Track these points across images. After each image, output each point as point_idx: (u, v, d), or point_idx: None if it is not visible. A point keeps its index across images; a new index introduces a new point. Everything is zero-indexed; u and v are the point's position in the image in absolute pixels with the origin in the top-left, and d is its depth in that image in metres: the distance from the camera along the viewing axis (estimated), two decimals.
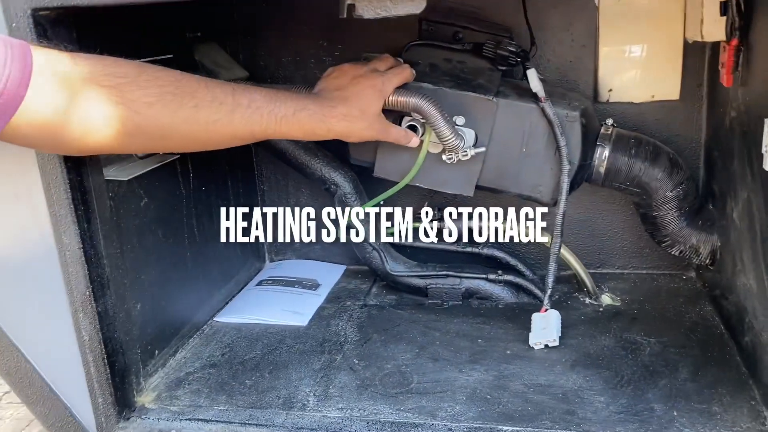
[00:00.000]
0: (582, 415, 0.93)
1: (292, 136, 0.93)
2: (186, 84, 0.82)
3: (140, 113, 0.77)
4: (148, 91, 0.78)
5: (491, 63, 1.18)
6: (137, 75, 0.78)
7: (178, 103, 0.80)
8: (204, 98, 0.82)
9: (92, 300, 0.92)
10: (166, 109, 0.79)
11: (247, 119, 0.86)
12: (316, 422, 0.95)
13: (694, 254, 1.21)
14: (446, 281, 1.31)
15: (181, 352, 1.17)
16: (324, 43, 1.37)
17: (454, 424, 0.92)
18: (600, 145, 1.16)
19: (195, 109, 0.81)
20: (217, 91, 0.84)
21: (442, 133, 1.06)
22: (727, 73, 1.03)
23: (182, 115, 0.80)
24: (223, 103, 0.83)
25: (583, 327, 1.17)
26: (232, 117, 0.84)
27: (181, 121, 0.80)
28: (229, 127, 0.85)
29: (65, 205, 0.88)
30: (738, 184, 1.04)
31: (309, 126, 0.93)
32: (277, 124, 0.89)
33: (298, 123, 0.91)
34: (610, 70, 1.27)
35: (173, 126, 0.80)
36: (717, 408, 0.92)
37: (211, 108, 0.82)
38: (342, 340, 1.19)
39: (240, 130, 0.86)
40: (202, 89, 0.82)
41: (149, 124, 0.79)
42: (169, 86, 0.80)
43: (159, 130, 0.80)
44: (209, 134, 0.84)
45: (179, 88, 0.80)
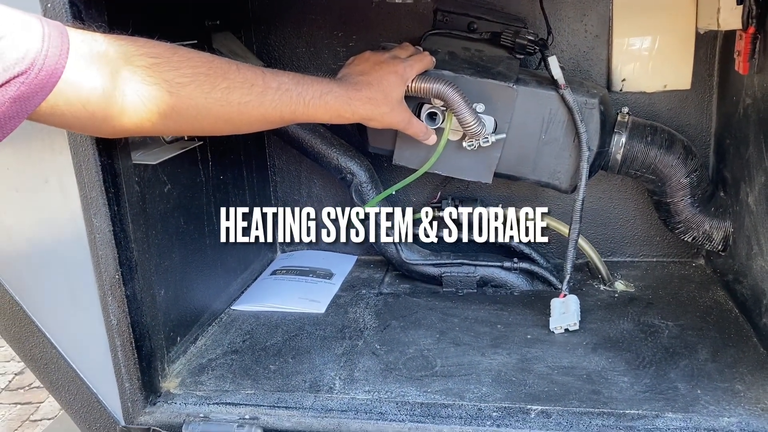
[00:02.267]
0: (608, 394, 0.94)
1: (319, 118, 0.93)
2: (218, 65, 0.82)
3: (175, 93, 0.77)
4: (182, 71, 0.78)
5: (509, 52, 1.20)
6: (171, 55, 0.78)
7: (210, 84, 0.80)
8: (236, 79, 0.82)
9: (121, 283, 0.92)
10: (200, 89, 0.79)
11: (277, 102, 0.86)
12: (346, 404, 0.95)
13: (707, 240, 1.23)
14: (461, 269, 1.33)
15: (201, 339, 1.17)
16: (339, 33, 1.38)
17: (483, 404, 0.93)
18: (617, 133, 1.17)
19: (227, 90, 0.81)
20: (248, 73, 0.84)
21: (464, 119, 1.08)
22: (744, 61, 1.06)
23: (215, 95, 0.80)
24: (255, 85, 0.84)
25: (601, 312, 1.19)
26: (262, 99, 0.85)
27: (214, 101, 0.81)
28: (259, 108, 0.85)
29: (96, 188, 0.88)
30: (754, 169, 1.06)
31: (335, 108, 0.93)
32: (305, 106, 0.89)
33: (325, 105, 0.92)
34: (623, 60, 1.29)
35: (206, 107, 0.81)
36: (740, 386, 0.94)
37: (242, 89, 0.83)
38: (361, 326, 1.19)
39: (270, 112, 0.87)
40: (234, 71, 0.83)
41: (183, 104, 0.79)
42: (202, 67, 0.80)
43: (193, 110, 0.80)
44: (241, 116, 0.84)
45: (212, 69, 0.81)
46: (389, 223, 1.31)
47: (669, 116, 1.30)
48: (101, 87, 0.72)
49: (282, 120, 0.90)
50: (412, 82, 1.06)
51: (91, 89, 0.72)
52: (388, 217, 1.32)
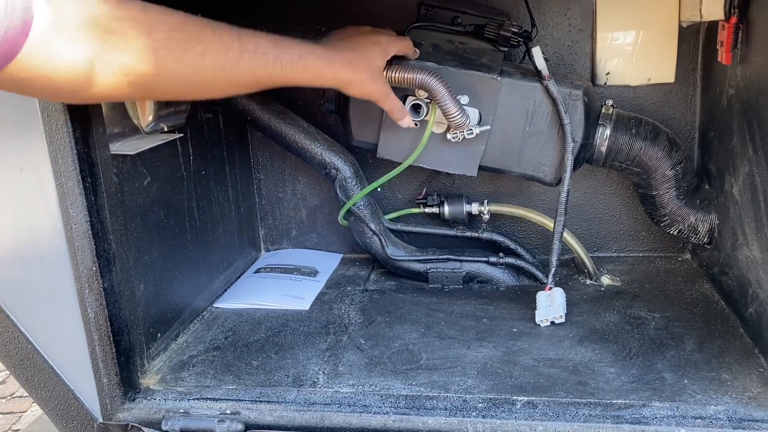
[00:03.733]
0: (594, 385, 0.93)
1: (297, 81, 0.89)
2: (192, 28, 0.78)
3: (146, 60, 0.73)
4: (154, 36, 0.73)
5: (493, 44, 1.19)
6: (143, 17, 0.73)
7: (183, 49, 0.76)
8: (211, 43, 0.78)
9: (99, 275, 0.90)
10: (172, 55, 0.75)
11: (254, 65, 0.83)
12: (329, 397, 0.94)
13: (693, 233, 1.22)
14: (447, 265, 1.31)
15: (182, 336, 1.15)
16: (322, 29, 1.36)
17: (468, 395, 0.92)
18: (601, 125, 1.17)
19: (201, 55, 0.77)
20: (224, 35, 0.80)
21: (448, 110, 1.07)
22: (727, 51, 1.06)
23: (188, 61, 0.76)
24: (230, 48, 0.80)
25: (587, 305, 1.18)
26: (237, 63, 0.81)
27: (187, 67, 0.77)
28: (235, 73, 0.81)
29: (73, 177, 0.86)
30: (738, 160, 1.06)
31: (315, 70, 0.90)
32: (282, 68, 0.85)
33: (304, 67, 0.88)
34: (607, 54, 1.29)
35: (179, 72, 0.76)
36: (726, 376, 0.93)
37: (217, 53, 0.79)
38: (346, 322, 1.18)
39: (246, 76, 0.83)
40: (209, 33, 0.79)
41: (155, 71, 0.74)
42: (175, 30, 0.76)
43: (165, 77, 0.76)
44: (215, 81, 0.80)
45: (185, 32, 0.76)
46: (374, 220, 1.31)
47: (653, 110, 1.30)
48: (68, 59, 0.68)
49: (257, 83, 0.86)
50: (397, 72, 1.05)
51: (56, 62, 0.67)
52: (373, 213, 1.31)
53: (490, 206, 1.33)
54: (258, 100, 1.28)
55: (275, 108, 1.29)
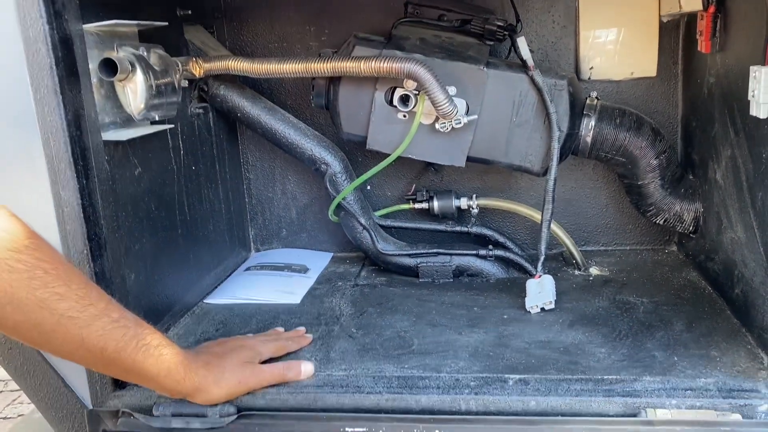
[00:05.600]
0: (585, 364, 0.93)
1: (144, 371, 0.80)
2: (65, 270, 0.74)
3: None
4: (21, 255, 0.70)
5: (479, 39, 1.22)
6: (23, 238, 0.71)
7: (43, 282, 0.71)
8: (75, 291, 0.74)
9: (90, 259, 0.90)
10: (28, 283, 0.70)
11: (107, 332, 0.76)
12: (322, 380, 0.93)
13: (678, 222, 1.24)
14: (437, 259, 1.32)
15: (173, 329, 1.15)
16: (311, 28, 1.39)
17: (461, 375, 0.92)
18: (586, 115, 1.19)
19: (58, 297, 0.72)
20: (93, 293, 0.76)
21: (436, 99, 1.09)
22: (706, 40, 1.09)
23: (41, 295, 0.71)
24: (92, 305, 0.75)
25: (576, 293, 1.19)
26: (92, 322, 0.75)
27: (36, 300, 0.71)
28: (83, 330, 0.74)
29: (65, 160, 0.87)
30: (720, 145, 1.09)
31: (167, 365, 0.81)
32: (135, 348, 0.78)
33: (158, 357, 0.80)
34: (590, 49, 1.32)
35: (23, 302, 0.70)
36: (715, 353, 0.94)
37: (77, 304, 0.74)
38: (338, 314, 1.18)
39: (93, 339, 0.75)
40: (80, 284, 0.75)
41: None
42: (48, 262, 0.72)
43: (5, 298, 0.69)
44: (56, 329, 0.73)
45: (56, 270, 0.73)
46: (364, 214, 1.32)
47: (637, 104, 1.32)
48: None
49: (102, 354, 0.76)
50: (385, 62, 1.07)
51: None
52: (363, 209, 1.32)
53: (478, 200, 1.34)
54: (248, 96, 1.30)
55: (265, 104, 1.31)
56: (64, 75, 0.86)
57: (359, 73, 1.12)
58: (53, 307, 0.72)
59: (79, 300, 0.74)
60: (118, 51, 0.98)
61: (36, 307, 0.71)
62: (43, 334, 0.73)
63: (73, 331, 0.73)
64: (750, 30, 0.94)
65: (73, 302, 0.73)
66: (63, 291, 0.72)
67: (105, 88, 0.98)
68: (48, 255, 0.73)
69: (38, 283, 0.71)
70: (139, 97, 0.99)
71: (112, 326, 0.76)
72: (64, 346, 0.75)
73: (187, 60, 1.18)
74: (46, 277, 0.71)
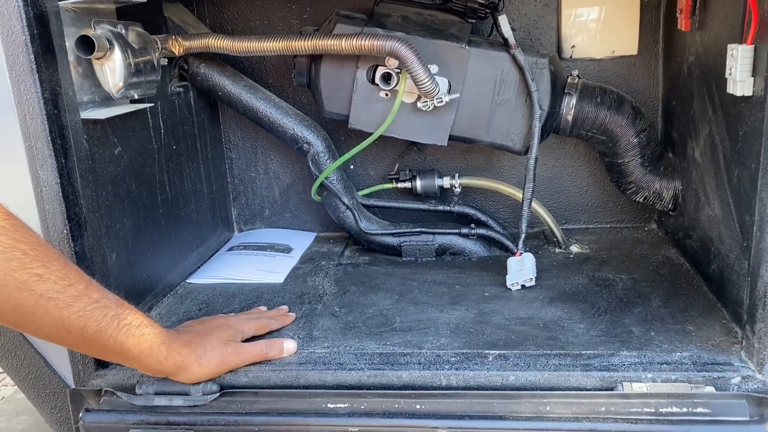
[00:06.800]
0: (564, 339, 0.95)
1: (125, 351, 0.80)
2: (44, 251, 0.73)
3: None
4: (0, 237, 0.69)
5: (461, 17, 1.21)
6: (3, 219, 0.70)
7: (21, 263, 0.70)
8: (54, 272, 0.73)
9: (70, 239, 0.90)
10: (6, 264, 0.69)
11: (88, 313, 0.75)
12: (304, 357, 0.94)
13: (658, 199, 1.26)
14: (420, 238, 1.33)
15: (155, 309, 1.15)
16: (292, 6, 1.38)
17: (442, 351, 0.93)
18: (567, 94, 1.20)
19: (38, 278, 0.71)
20: (73, 274, 0.75)
21: (418, 77, 1.08)
22: (686, 18, 1.10)
23: (20, 276, 0.70)
24: (72, 286, 0.74)
25: (556, 270, 1.21)
26: (72, 303, 0.74)
27: (14, 282, 0.70)
28: (63, 311, 0.74)
29: (42, 139, 0.86)
30: (699, 123, 1.10)
31: (148, 344, 0.81)
32: (116, 329, 0.78)
33: (139, 337, 0.80)
34: (572, 27, 1.32)
35: (1, 285, 0.69)
36: (691, 327, 0.96)
37: (56, 285, 0.73)
38: (321, 292, 1.18)
39: (72, 320, 0.74)
40: (58, 264, 0.74)
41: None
42: (26, 243, 0.71)
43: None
44: (35, 310, 0.72)
45: (35, 251, 0.72)
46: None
47: (618, 82, 1.33)
48: None
49: (83, 335, 0.76)
50: (367, 40, 1.07)
51: None
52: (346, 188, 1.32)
53: (461, 180, 1.35)
54: (229, 74, 1.29)
55: (246, 83, 1.30)
56: (40, 53, 0.85)
57: (340, 51, 1.11)
58: (32, 288, 0.71)
59: (58, 281, 0.73)
60: (95, 28, 0.97)
61: (15, 289, 0.70)
62: (22, 316, 0.72)
63: (53, 312, 0.73)
64: (728, 8, 0.95)
65: (53, 283, 0.73)
66: (42, 272, 0.72)
67: (83, 66, 0.96)
68: (26, 236, 0.72)
69: (16, 264, 0.70)
70: (118, 75, 0.98)
71: (93, 306, 0.76)
72: (45, 327, 0.74)
73: (166, 38, 1.16)
74: (24, 258, 0.71)
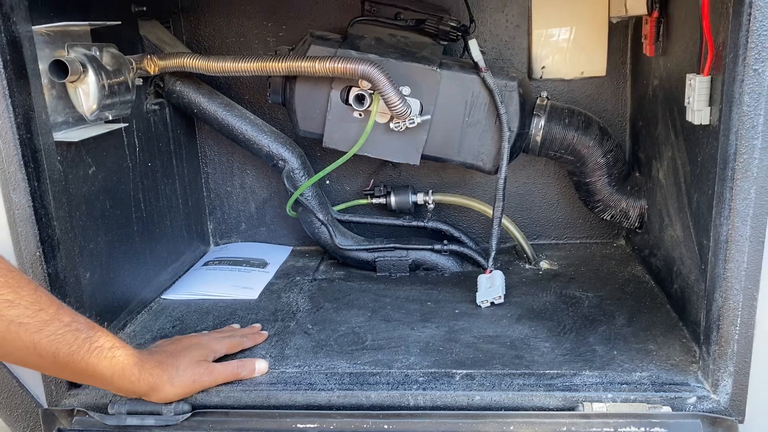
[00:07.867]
0: (530, 358, 0.97)
1: (97, 374, 0.81)
2: (16, 278, 0.74)
3: None
4: None
5: (433, 39, 1.24)
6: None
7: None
8: (25, 298, 0.74)
9: (43, 261, 0.91)
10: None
11: (60, 336, 0.76)
12: (275, 377, 0.96)
13: (624, 218, 1.29)
14: (393, 253, 1.35)
15: (129, 326, 1.16)
16: (268, 23, 1.40)
17: (410, 371, 0.95)
18: (536, 115, 1.23)
19: (8, 303, 0.73)
20: (44, 298, 0.77)
21: (390, 99, 1.11)
22: (650, 44, 1.13)
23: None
24: (43, 310, 0.75)
25: (525, 287, 1.23)
26: (44, 327, 0.75)
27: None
28: (34, 335, 0.74)
29: (15, 162, 0.87)
30: (662, 146, 1.13)
31: (121, 366, 0.82)
32: (87, 352, 0.79)
33: (111, 359, 0.81)
34: (542, 48, 1.35)
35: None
36: (652, 346, 0.99)
37: (27, 310, 0.74)
38: (294, 309, 1.20)
39: (44, 344, 0.75)
40: (29, 290, 0.75)
41: None
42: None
43: None
44: (6, 336, 0.73)
45: (5, 278, 0.73)
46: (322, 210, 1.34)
47: (587, 102, 1.36)
48: None
49: (55, 359, 0.77)
50: (340, 63, 1.09)
51: None
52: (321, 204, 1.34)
53: (434, 196, 1.37)
54: (204, 92, 1.30)
55: (222, 100, 1.31)
56: (13, 78, 0.86)
57: (314, 73, 1.13)
58: (3, 314, 0.72)
59: (29, 306, 0.74)
60: (69, 52, 0.98)
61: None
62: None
63: (24, 337, 0.74)
64: (687, 38, 0.98)
65: (23, 308, 0.73)
66: (12, 297, 0.73)
67: (56, 89, 0.97)
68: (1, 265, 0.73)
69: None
70: (92, 98, 0.99)
71: (64, 330, 0.77)
72: (16, 352, 0.75)
73: (141, 57, 1.17)
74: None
